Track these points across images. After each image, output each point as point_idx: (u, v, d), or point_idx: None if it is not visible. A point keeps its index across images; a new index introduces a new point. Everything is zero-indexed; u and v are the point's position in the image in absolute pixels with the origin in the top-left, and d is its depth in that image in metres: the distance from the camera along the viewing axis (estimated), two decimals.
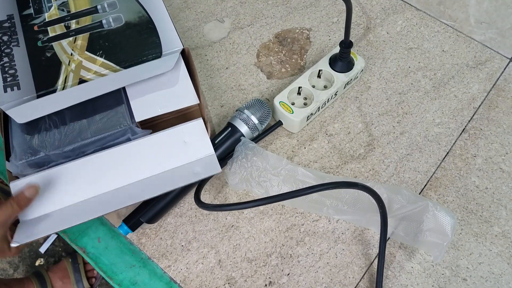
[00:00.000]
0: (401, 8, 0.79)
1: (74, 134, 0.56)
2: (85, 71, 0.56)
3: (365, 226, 0.59)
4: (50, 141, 0.56)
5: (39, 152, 0.55)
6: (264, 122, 0.62)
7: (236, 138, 0.61)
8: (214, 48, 0.75)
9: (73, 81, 0.56)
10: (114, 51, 0.58)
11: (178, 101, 0.58)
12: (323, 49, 0.74)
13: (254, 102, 0.63)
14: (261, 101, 0.63)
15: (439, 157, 0.64)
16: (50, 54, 0.58)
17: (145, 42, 0.58)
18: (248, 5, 0.80)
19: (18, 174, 0.55)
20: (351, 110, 0.68)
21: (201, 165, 0.55)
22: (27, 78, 0.56)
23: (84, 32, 0.59)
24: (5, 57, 0.58)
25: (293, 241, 0.58)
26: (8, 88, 0.55)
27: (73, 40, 0.59)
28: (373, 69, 0.72)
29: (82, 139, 0.55)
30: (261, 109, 0.62)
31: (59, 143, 0.55)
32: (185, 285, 0.55)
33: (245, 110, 0.61)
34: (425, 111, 0.68)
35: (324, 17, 0.78)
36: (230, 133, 0.61)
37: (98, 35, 0.59)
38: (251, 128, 0.61)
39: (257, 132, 0.62)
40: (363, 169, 0.63)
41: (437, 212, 0.53)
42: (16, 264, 1.26)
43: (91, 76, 0.56)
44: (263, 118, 0.62)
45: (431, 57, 0.73)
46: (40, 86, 0.55)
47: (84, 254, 0.57)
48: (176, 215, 0.60)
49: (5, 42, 0.59)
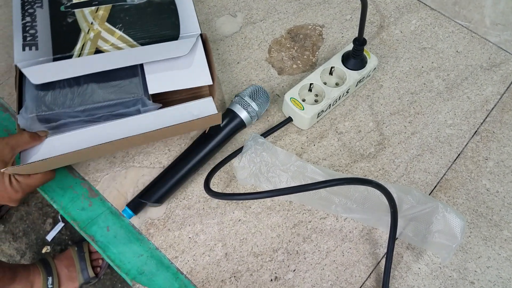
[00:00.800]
0: (415, 7, 0.78)
1: (86, 97, 0.56)
2: (103, 41, 0.57)
3: (373, 226, 0.58)
4: (62, 99, 0.56)
5: (50, 108, 0.55)
6: (262, 106, 0.63)
7: (236, 123, 0.61)
8: (226, 43, 0.75)
9: (90, 49, 0.57)
10: (133, 26, 0.58)
11: (192, 80, 0.58)
12: (335, 46, 0.73)
13: (251, 88, 0.63)
14: (258, 87, 0.63)
15: (450, 158, 0.63)
16: (71, 20, 0.59)
17: (164, 22, 0.59)
18: (261, 0, 0.79)
19: (26, 127, 0.55)
20: (363, 108, 0.67)
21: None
22: (46, 40, 0.57)
23: (107, 4, 0.60)
24: (28, 17, 0.59)
25: (300, 238, 0.58)
26: (26, 47, 0.57)
27: (95, 9, 0.60)
28: (385, 67, 0.71)
29: (94, 102, 0.56)
30: (258, 93, 0.62)
31: (70, 102, 0.56)
32: (192, 276, 0.56)
33: (243, 96, 0.62)
34: (437, 112, 0.67)
35: (337, 14, 0.77)
36: (229, 118, 0.61)
37: (120, 8, 0.60)
38: (250, 113, 0.61)
39: (256, 117, 0.62)
40: (373, 168, 0.62)
41: (447, 213, 0.53)
42: (23, 251, 1.27)
43: (108, 47, 0.57)
44: (261, 102, 0.62)
45: (445, 58, 0.73)
46: (57, 49, 0.57)
47: (93, 242, 0.58)
48: (184, 207, 0.60)
49: (30, 2, 0.61)
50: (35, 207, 1.33)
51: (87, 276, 1.14)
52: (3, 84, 0.70)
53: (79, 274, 1.13)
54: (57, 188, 0.61)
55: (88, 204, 0.61)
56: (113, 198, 0.60)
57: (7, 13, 0.78)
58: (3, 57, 0.73)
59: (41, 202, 1.34)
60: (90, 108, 0.56)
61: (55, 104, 0.56)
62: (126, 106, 0.57)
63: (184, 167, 0.59)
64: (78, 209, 0.60)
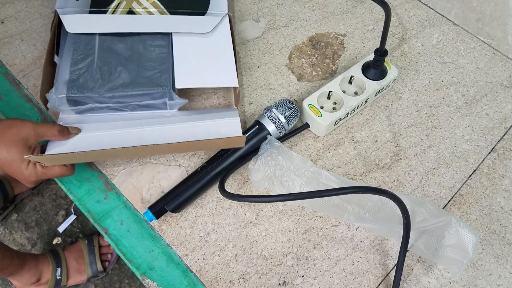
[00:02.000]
0: (438, 21, 0.78)
1: (116, 84, 0.58)
2: (137, 4, 0.62)
3: (385, 236, 0.58)
4: (92, 83, 0.58)
5: (80, 91, 0.58)
6: (291, 122, 0.63)
7: (262, 136, 0.61)
8: (248, 47, 0.76)
9: (123, 9, 0.61)
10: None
11: (219, 80, 0.60)
12: (356, 56, 0.74)
13: (283, 101, 0.63)
14: (290, 101, 0.63)
15: (466, 174, 0.63)
16: None
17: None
18: (284, 6, 0.80)
19: (54, 107, 0.58)
20: (380, 118, 0.67)
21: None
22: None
23: None
24: None
25: (310, 244, 0.58)
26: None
27: None
28: (405, 79, 0.71)
29: (122, 90, 0.58)
30: (289, 109, 0.62)
31: (100, 87, 0.58)
32: (201, 275, 0.56)
33: (274, 109, 0.62)
34: (454, 127, 0.67)
35: (359, 24, 0.78)
36: (257, 130, 0.61)
37: None
38: (278, 127, 0.61)
39: (283, 131, 0.63)
40: (388, 179, 0.62)
41: (460, 228, 0.53)
42: (35, 240, 1.29)
43: (140, 10, 0.60)
44: (291, 118, 0.62)
45: (465, 73, 0.72)
46: (95, 4, 0.62)
47: (106, 235, 0.59)
48: (197, 206, 0.61)
49: None
50: (49, 198, 1.35)
51: (95, 270, 1.15)
52: (28, 75, 0.72)
53: (87, 267, 1.15)
54: (74, 180, 0.63)
55: (104, 197, 0.62)
56: (128, 193, 0.61)
57: (36, 6, 0.80)
58: (30, 49, 0.75)
59: (55, 193, 1.36)
60: (118, 95, 0.58)
61: (85, 87, 0.58)
62: (153, 98, 0.59)
63: (208, 178, 0.59)
64: (93, 201, 0.61)
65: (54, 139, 0.55)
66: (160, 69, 0.61)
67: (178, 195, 0.58)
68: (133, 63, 0.61)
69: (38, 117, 0.68)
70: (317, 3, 0.80)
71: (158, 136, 0.57)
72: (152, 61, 0.61)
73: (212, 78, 0.60)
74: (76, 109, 0.58)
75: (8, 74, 0.73)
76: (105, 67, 0.60)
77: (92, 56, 0.61)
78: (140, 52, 0.62)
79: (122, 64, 0.60)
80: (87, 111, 0.59)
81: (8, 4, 0.81)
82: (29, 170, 0.53)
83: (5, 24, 0.78)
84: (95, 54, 0.61)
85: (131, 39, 0.63)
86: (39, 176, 0.54)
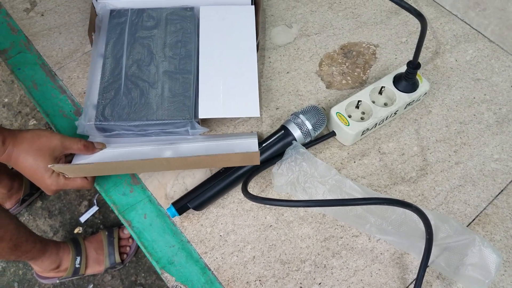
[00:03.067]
0: (473, 37, 0.77)
1: (142, 113, 0.61)
2: None
3: (406, 250, 0.58)
4: (119, 112, 0.61)
5: (107, 120, 0.60)
6: (318, 129, 0.63)
7: (287, 142, 0.61)
8: (278, 52, 0.76)
9: None
10: None
11: (241, 109, 0.62)
12: (387, 67, 0.73)
13: (310, 108, 0.63)
14: (317, 108, 0.63)
15: (492, 193, 0.62)
16: None
17: None
18: (318, 14, 0.81)
19: (83, 132, 0.61)
20: (408, 131, 0.67)
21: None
22: None
23: None
24: None
25: (329, 252, 0.58)
26: None
27: None
28: (436, 94, 0.71)
29: (148, 119, 0.60)
30: (316, 116, 0.62)
31: (126, 116, 0.60)
32: (218, 273, 0.57)
33: (301, 115, 0.62)
34: (484, 145, 0.66)
35: (393, 35, 0.77)
36: (282, 135, 0.62)
37: None
38: (304, 133, 0.62)
39: (309, 138, 0.63)
40: (412, 193, 0.62)
41: (484, 248, 0.52)
42: (57, 228, 1.32)
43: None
44: (318, 125, 0.62)
45: (498, 91, 0.71)
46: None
47: (129, 227, 0.60)
48: (219, 205, 0.61)
49: None
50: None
51: (113, 261, 1.17)
52: (64, 68, 0.74)
53: (106, 258, 1.17)
54: None
55: (130, 190, 0.63)
56: (153, 188, 0.63)
57: (76, 1, 0.83)
58: (67, 42, 0.77)
59: None
60: (143, 124, 0.60)
61: (112, 116, 0.61)
62: (176, 127, 0.61)
63: (232, 179, 0.60)
64: (119, 193, 0.63)
65: (79, 153, 0.59)
66: (184, 96, 0.62)
67: (201, 193, 0.59)
68: (158, 90, 0.63)
69: (71, 108, 0.70)
70: (351, 12, 0.80)
71: (178, 152, 0.60)
72: (177, 88, 0.63)
73: (234, 108, 0.62)
74: (103, 134, 0.62)
75: (45, 66, 0.75)
76: (130, 95, 0.62)
77: (119, 82, 0.63)
78: (165, 79, 0.64)
79: (147, 91, 0.63)
80: (114, 136, 0.62)
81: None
82: (52, 179, 0.56)
83: (45, 16, 0.81)
84: (121, 80, 0.64)
85: (157, 66, 0.65)
86: (60, 186, 0.57)
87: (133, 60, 0.65)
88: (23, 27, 0.80)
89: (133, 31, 0.68)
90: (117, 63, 0.65)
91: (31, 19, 0.81)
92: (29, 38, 0.78)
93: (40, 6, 0.83)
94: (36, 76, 0.74)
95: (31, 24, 0.80)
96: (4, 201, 1.28)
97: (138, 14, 0.70)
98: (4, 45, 0.78)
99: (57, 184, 0.57)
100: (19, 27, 0.80)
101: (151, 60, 0.66)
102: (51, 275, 1.15)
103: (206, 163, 0.59)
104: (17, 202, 1.30)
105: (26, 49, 0.77)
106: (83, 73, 0.74)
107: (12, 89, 1.61)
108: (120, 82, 0.63)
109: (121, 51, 0.66)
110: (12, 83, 1.63)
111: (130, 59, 0.66)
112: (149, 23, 0.69)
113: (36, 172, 0.55)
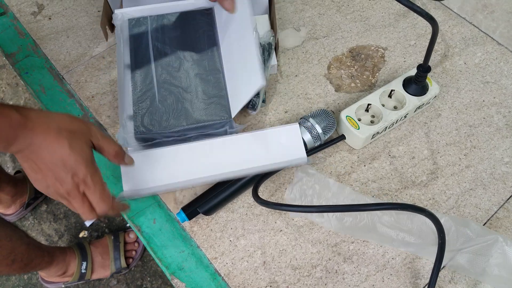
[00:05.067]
0: (482, 40, 0.77)
1: (180, 118, 0.61)
2: None
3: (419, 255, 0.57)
4: (158, 119, 0.61)
5: (147, 129, 0.60)
6: (328, 133, 0.62)
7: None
8: (287, 55, 0.76)
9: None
10: None
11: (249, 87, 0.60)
12: (396, 70, 0.73)
13: (320, 112, 0.63)
14: (327, 112, 0.63)
15: (504, 197, 0.61)
16: None
17: None
18: (326, 17, 0.80)
19: (124, 144, 0.60)
20: (418, 135, 0.66)
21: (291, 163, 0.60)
22: None
23: None
24: None
25: (340, 257, 0.57)
26: None
27: None
28: (445, 97, 0.70)
29: (187, 124, 0.61)
30: (326, 119, 0.62)
31: (166, 123, 0.61)
32: (229, 279, 0.56)
33: (310, 119, 0.62)
34: (494, 148, 0.65)
35: (401, 38, 0.77)
36: None
37: None
38: (314, 137, 0.61)
39: (319, 141, 0.62)
40: (423, 197, 0.61)
41: (507, 247, 0.52)
42: (62, 232, 1.32)
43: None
44: (328, 129, 0.62)
45: (508, 94, 0.71)
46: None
47: (138, 232, 0.60)
48: (228, 210, 0.61)
49: None
50: None
51: (119, 266, 1.17)
52: (72, 71, 0.74)
53: (111, 263, 1.17)
54: (111, 177, 0.64)
55: None
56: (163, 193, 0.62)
57: (83, 4, 0.83)
58: (75, 46, 0.77)
59: None
60: (184, 129, 0.60)
61: (152, 125, 0.61)
62: (216, 128, 0.61)
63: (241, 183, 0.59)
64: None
65: (107, 157, 0.52)
66: (219, 96, 0.63)
67: (211, 198, 0.58)
68: (192, 94, 0.63)
69: (78, 112, 0.70)
70: (359, 15, 0.80)
71: (222, 146, 0.60)
72: (210, 89, 0.63)
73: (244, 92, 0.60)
74: (144, 144, 0.61)
75: (53, 69, 0.75)
76: (166, 101, 0.62)
77: (152, 90, 0.63)
78: (197, 82, 0.64)
79: (182, 96, 0.63)
80: (154, 145, 0.61)
81: (56, 0, 0.84)
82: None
83: (52, 20, 0.81)
84: (154, 88, 0.64)
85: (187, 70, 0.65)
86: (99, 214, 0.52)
87: (162, 67, 0.65)
88: (31, 31, 0.80)
89: (156, 38, 0.68)
90: (146, 72, 0.65)
91: (39, 22, 0.81)
92: (37, 41, 0.78)
93: (48, 10, 0.83)
94: (43, 80, 0.74)
95: (38, 27, 0.80)
96: (9, 206, 1.28)
97: (157, 21, 0.69)
98: (12, 49, 0.77)
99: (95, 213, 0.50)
100: (27, 30, 0.80)
101: (180, 64, 0.65)
102: (57, 280, 1.15)
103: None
104: (22, 206, 1.30)
105: (34, 53, 0.77)
106: (91, 77, 0.73)
107: (17, 92, 1.62)
108: (154, 90, 0.63)
109: (148, 59, 0.66)
110: (16, 86, 1.63)
111: (159, 66, 0.65)
112: (170, 28, 0.69)
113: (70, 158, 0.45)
